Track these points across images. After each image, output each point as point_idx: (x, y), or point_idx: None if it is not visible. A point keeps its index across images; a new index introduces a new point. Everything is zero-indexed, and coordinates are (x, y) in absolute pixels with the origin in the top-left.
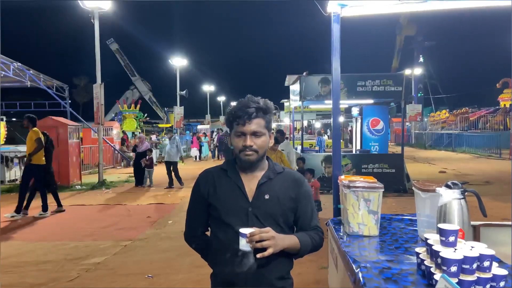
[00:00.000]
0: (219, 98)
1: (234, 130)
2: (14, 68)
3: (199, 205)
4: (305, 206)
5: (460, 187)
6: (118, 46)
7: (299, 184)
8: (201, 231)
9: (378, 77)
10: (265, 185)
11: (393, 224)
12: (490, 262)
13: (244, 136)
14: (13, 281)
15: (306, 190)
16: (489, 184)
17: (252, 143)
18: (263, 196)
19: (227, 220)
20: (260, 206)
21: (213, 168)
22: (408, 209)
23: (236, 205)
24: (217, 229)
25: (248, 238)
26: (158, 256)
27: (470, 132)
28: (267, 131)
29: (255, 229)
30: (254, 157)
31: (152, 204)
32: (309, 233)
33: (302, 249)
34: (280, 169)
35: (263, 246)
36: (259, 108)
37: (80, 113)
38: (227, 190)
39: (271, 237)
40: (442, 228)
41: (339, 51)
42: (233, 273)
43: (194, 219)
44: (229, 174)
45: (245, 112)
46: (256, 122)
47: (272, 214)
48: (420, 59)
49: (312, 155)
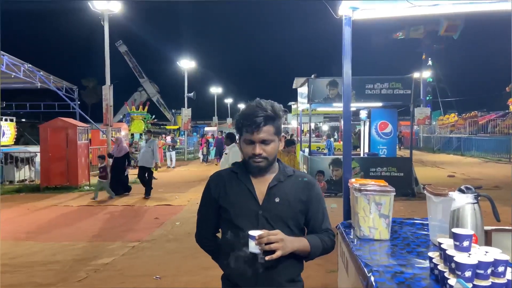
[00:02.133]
0: (227, 100)
1: (244, 137)
2: (25, 69)
3: (210, 207)
4: (316, 209)
5: (473, 192)
6: (127, 48)
7: (310, 186)
8: (212, 233)
9: (387, 80)
10: (275, 188)
11: (404, 228)
12: (504, 267)
13: (253, 144)
14: (22, 280)
15: (317, 192)
16: (498, 188)
17: (261, 151)
18: (273, 199)
19: (237, 223)
20: (271, 209)
21: (223, 170)
22: (416, 213)
23: (247, 208)
24: (227, 231)
25: (256, 241)
26: (165, 257)
27: (479, 136)
28: (276, 137)
29: (264, 231)
30: (264, 164)
31: (159, 206)
32: (320, 235)
33: (313, 251)
34: (290, 171)
35: (271, 248)
36: (267, 116)
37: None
38: (237, 193)
39: (279, 240)
40: (456, 233)
41: (350, 54)
42: (242, 275)
43: (205, 221)
44: (240, 177)
45: (253, 122)
46: (265, 130)
47: (282, 217)
48: (429, 62)
49: (320, 157)
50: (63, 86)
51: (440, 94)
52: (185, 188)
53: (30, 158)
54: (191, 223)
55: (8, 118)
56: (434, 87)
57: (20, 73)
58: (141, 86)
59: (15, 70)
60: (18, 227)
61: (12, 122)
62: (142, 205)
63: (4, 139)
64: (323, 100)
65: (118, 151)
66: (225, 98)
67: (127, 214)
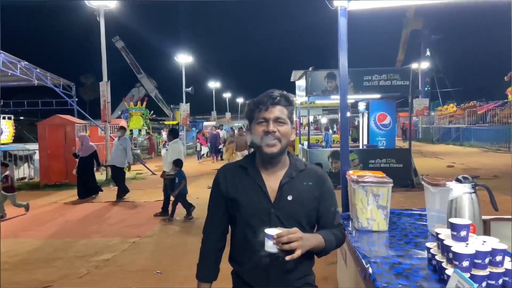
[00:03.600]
0: (225, 94)
1: (256, 118)
2: (21, 67)
3: (219, 202)
4: (328, 204)
5: (471, 181)
6: (124, 44)
7: (322, 181)
8: (221, 230)
9: (385, 72)
10: (288, 185)
11: (402, 219)
12: (502, 256)
13: (267, 122)
14: (23, 278)
15: (329, 186)
16: (497, 178)
17: (275, 129)
18: (285, 197)
19: (247, 221)
20: (283, 208)
21: (231, 164)
22: (416, 204)
23: (258, 205)
24: (237, 228)
25: (275, 240)
26: (166, 252)
27: (478, 126)
28: (289, 121)
29: (281, 229)
30: (277, 148)
31: (159, 201)
32: (333, 230)
33: (327, 247)
34: (302, 166)
35: (291, 248)
36: (282, 95)
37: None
38: (248, 190)
39: (299, 238)
40: (453, 223)
41: (346, 45)
42: (253, 273)
43: (214, 217)
44: (250, 172)
45: (269, 97)
46: (280, 109)
47: (295, 216)
48: (427, 53)
49: (319, 150)
50: (60, 83)
51: (438, 84)
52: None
53: (29, 156)
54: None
55: (6, 116)
56: (433, 77)
57: (17, 71)
58: (139, 82)
59: (12, 68)
60: (19, 224)
61: (10, 120)
62: (141, 201)
63: (3, 137)
64: (321, 93)
65: (84, 151)
66: (223, 93)
67: (127, 210)
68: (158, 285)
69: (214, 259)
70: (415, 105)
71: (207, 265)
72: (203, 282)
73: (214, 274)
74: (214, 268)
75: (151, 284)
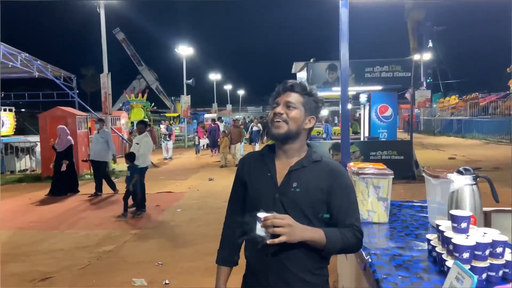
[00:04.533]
0: (226, 86)
1: (271, 104)
2: (22, 58)
3: (238, 187)
4: (340, 200)
5: (472, 173)
6: (125, 35)
7: (335, 175)
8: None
9: (387, 63)
10: (296, 173)
11: (403, 211)
12: (503, 248)
13: (278, 105)
14: (25, 269)
15: (343, 182)
16: (498, 170)
17: (282, 111)
18: (291, 184)
19: (254, 204)
20: (287, 194)
21: (255, 152)
22: (417, 196)
23: (265, 189)
24: (247, 212)
25: (262, 223)
26: (167, 244)
27: (480, 117)
28: (303, 108)
29: (271, 214)
30: (283, 130)
31: (160, 193)
32: (342, 230)
33: (328, 245)
34: (318, 157)
35: (275, 232)
36: (298, 84)
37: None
38: (259, 174)
39: (286, 225)
40: (454, 215)
41: (348, 36)
42: (254, 258)
43: (234, 201)
44: (265, 158)
45: (284, 84)
46: (293, 95)
47: (299, 204)
48: (429, 44)
49: (320, 142)
50: (61, 75)
51: (440, 76)
52: (186, 175)
53: (31, 148)
54: (192, 210)
55: (7, 108)
56: (435, 69)
57: (17, 63)
58: (139, 73)
59: (12, 59)
60: (20, 216)
61: (11, 112)
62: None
63: (4, 129)
64: (323, 85)
65: (60, 144)
66: (224, 85)
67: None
68: (159, 276)
69: (232, 243)
70: (417, 96)
71: (224, 249)
72: (221, 265)
73: (232, 259)
74: (233, 252)
75: (152, 275)
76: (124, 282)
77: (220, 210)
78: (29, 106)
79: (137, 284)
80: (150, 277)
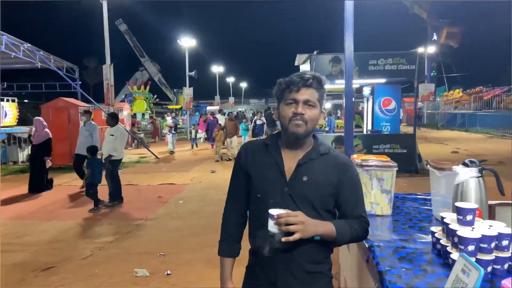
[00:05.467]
0: (228, 79)
1: (285, 98)
2: (24, 49)
3: (240, 177)
4: (348, 193)
5: (477, 165)
6: (127, 27)
7: (344, 169)
8: (241, 205)
9: (391, 56)
10: (305, 166)
11: (406, 203)
12: (508, 241)
13: (296, 104)
14: (28, 259)
15: (351, 175)
16: (502, 164)
17: (304, 112)
18: (301, 178)
19: (262, 197)
20: (296, 188)
21: (255, 141)
22: (420, 189)
23: (273, 183)
24: (252, 204)
25: (275, 220)
26: (169, 235)
27: (483, 111)
28: (319, 105)
29: (285, 211)
30: (303, 130)
31: (163, 185)
32: (350, 221)
33: (339, 238)
34: (325, 149)
35: (289, 230)
36: (315, 77)
37: (91, 95)
38: (265, 166)
39: (299, 222)
40: (459, 207)
41: (352, 28)
42: (262, 251)
43: (235, 192)
44: (270, 149)
45: (301, 78)
46: (311, 92)
47: (309, 198)
48: (434, 37)
49: (323, 135)
50: (63, 66)
51: (445, 69)
52: (188, 167)
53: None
54: (194, 202)
55: (10, 99)
56: (439, 62)
57: (20, 53)
58: (142, 65)
59: (15, 50)
60: (23, 206)
61: (14, 103)
62: (144, 185)
63: (7, 120)
64: (326, 77)
65: (36, 137)
66: (227, 77)
67: (130, 193)
68: (161, 267)
69: (234, 234)
70: (421, 90)
71: (227, 240)
72: (225, 257)
73: (235, 250)
74: (235, 243)
75: (154, 266)
76: (126, 273)
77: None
78: (32, 97)
79: (139, 274)
80: (152, 268)
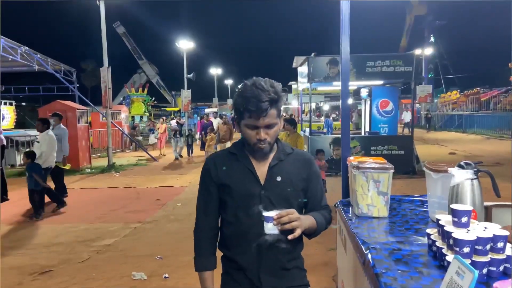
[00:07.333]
0: (227, 81)
1: (246, 121)
2: (22, 52)
3: (210, 190)
4: (315, 186)
5: (473, 167)
6: (125, 29)
7: (310, 164)
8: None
9: (388, 58)
10: (276, 167)
11: (403, 205)
12: (504, 243)
13: (257, 129)
14: (25, 262)
15: (316, 170)
16: (499, 165)
17: (266, 136)
18: (275, 178)
19: (240, 204)
20: (273, 189)
21: (221, 152)
22: (417, 191)
23: (248, 189)
24: (228, 213)
25: (275, 221)
26: (167, 238)
27: (481, 113)
28: (278, 119)
29: (283, 211)
30: (268, 148)
31: (161, 187)
32: (322, 212)
33: (319, 228)
34: (289, 149)
35: (292, 227)
36: (272, 100)
37: (89, 97)
38: (238, 175)
39: (297, 218)
40: (454, 209)
41: (349, 30)
42: (246, 257)
43: (206, 205)
44: (240, 158)
45: (258, 107)
46: (270, 115)
47: (285, 196)
48: (431, 39)
49: (321, 137)
50: (61, 69)
51: (442, 71)
52: (186, 170)
53: (31, 142)
54: (192, 204)
55: (8, 102)
56: (436, 64)
57: (17, 56)
58: (140, 68)
59: (12, 53)
60: (21, 210)
61: (11, 106)
62: (143, 187)
63: (4, 123)
64: (324, 79)
65: None
66: (225, 79)
67: (128, 196)
68: (159, 270)
69: (209, 247)
70: (418, 91)
71: (203, 255)
72: (204, 271)
73: (213, 262)
74: (212, 256)
75: (152, 269)
76: (123, 276)
77: None
78: (29, 100)
79: (136, 278)
80: (150, 271)
